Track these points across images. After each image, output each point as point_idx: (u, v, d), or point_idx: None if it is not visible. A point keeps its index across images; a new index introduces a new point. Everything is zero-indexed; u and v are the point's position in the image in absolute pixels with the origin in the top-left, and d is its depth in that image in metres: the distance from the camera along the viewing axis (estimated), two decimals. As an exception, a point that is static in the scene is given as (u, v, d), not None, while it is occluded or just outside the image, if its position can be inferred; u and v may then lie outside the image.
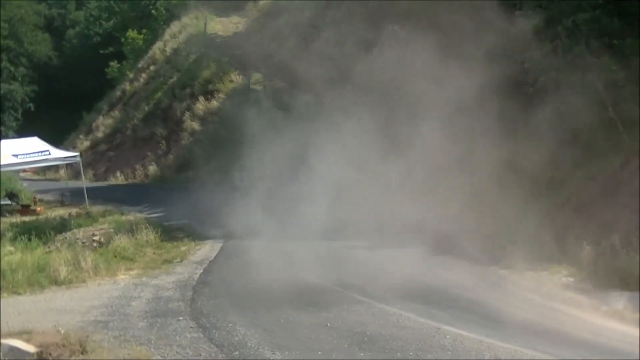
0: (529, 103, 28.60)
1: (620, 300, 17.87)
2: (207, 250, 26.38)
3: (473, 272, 21.38)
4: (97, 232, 29.75)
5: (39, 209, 39.67)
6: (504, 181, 31.47)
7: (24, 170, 52.34)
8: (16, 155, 37.29)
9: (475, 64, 33.04)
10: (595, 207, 22.56)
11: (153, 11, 74.16)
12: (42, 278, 21.66)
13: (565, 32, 25.69)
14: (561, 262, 20.93)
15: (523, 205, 27.16)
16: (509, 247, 23.67)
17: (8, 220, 34.61)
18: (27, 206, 40.25)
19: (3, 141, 39.76)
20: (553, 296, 18.58)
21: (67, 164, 46.02)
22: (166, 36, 69.41)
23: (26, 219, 35.66)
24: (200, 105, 55.56)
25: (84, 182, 40.95)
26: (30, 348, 14.88)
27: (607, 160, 24.08)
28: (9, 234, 29.54)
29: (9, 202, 41.26)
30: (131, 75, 69.09)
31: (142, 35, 74.30)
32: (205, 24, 65.72)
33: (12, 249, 26.21)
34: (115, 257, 24.90)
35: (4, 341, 15.07)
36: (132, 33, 74.34)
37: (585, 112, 27.14)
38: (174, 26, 69.40)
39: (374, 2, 46.24)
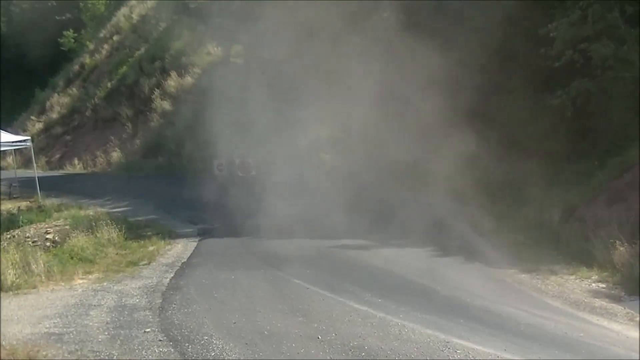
0: (550, 81, 28.81)
1: (658, 309, 17.88)
2: (179, 250, 26.29)
3: (488, 276, 21.37)
4: (50, 230, 29.66)
5: (-19, 202, 39.61)
6: (525, 170, 31.92)
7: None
8: (-47, 139, 37.27)
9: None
10: (630, 201, 22.54)
11: (117, -29, 73.89)
12: (-15, 283, 21.59)
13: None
14: (590, 264, 20.91)
15: (545, 198, 27.34)
16: (528, 248, 23.81)
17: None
18: (-32, 199, 40.20)
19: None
20: (581, 304, 18.56)
21: (15, 150, 45.84)
22: (132, 1, 69.20)
23: (-34, 214, 35.59)
24: (172, 82, 55.42)
25: (36, 171, 40.84)
26: (-29, 365, 14.83)
27: (645, 146, 24.12)
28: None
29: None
30: (91, 47, 68.92)
31: (104, 0, 74.02)
32: (177, -15, 65.55)
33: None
34: (72, 258, 24.82)
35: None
36: (92, -4, 74.19)
37: (618, 90, 27.27)
38: (142, -12, 69.29)
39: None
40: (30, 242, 27.27)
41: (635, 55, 25.66)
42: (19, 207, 36.12)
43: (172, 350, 15.74)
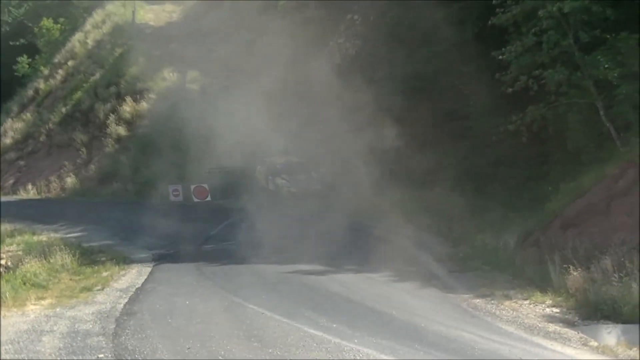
0: (506, 106, 29.09)
1: (612, 334, 18.00)
2: (133, 275, 26.15)
3: (443, 301, 21.46)
4: (3, 255, 29.44)
5: None
6: (481, 192, 32.19)
7: None
8: None
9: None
10: (583, 226, 22.73)
11: (72, -3, 73.56)
12: None
13: (551, 23, 25.97)
14: (545, 289, 21.05)
15: (502, 223, 27.52)
16: (484, 273, 23.94)
17: None
18: None
19: None
20: (535, 329, 18.66)
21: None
22: (87, 26, 69.00)
23: None
24: (128, 107, 55.28)
25: (-12, 196, 40.50)
26: None
27: (598, 172, 24.31)
28: None
29: None
30: (46, 72, 68.50)
31: (59, 26, 73.68)
32: (133, 12, 65.47)
33: None
34: (25, 284, 24.62)
35: None
36: (47, 22, 73.62)
37: (573, 116, 27.57)
38: (97, 15, 69.06)
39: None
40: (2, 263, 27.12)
41: (589, 81, 25.96)
42: (-30, 232, 35.79)
43: (125, 376, 15.67)
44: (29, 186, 55.51)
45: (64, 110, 60.44)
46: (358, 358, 16.15)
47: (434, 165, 36.14)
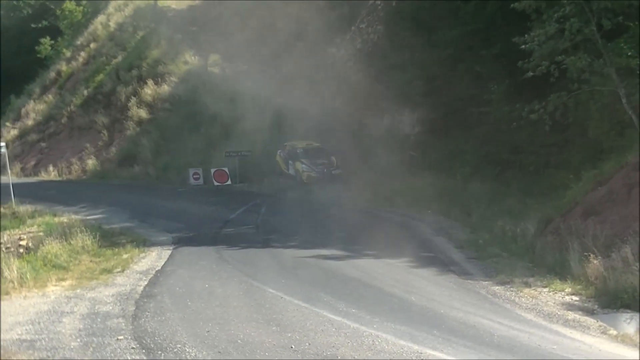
0: (527, 90, 28.95)
1: (631, 323, 17.89)
2: (153, 258, 26.16)
3: (462, 287, 21.39)
4: (24, 236, 29.50)
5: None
6: (500, 179, 32.09)
7: None
8: None
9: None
10: (604, 214, 22.60)
11: (95, -21, 73.57)
12: (-43, 289, 21.45)
13: (573, 10, 25.78)
14: (564, 277, 20.95)
15: (521, 210, 27.41)
16: (503, 259, 23.85)
17: None
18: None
19: None
20: (554, 317, 18.55)
21: (-10, 156, 45.62)
22: (110, 9, 69.08)
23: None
24: (149, 90, 55.36)
25: (10, 178, 40.57)
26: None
27: (620, 160, 24.15)
28: None
29: None
30: (68, 54, 68.63)
31: (81, 8, 73.78)
32: (155, -6, 65.47)
33: None
34: (45, 265, 24.64)
35: None
36: (69, 4, 73.75)
37: (595, 103, 27.41)
38: (119, -3, 69.12)
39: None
40: (3, 249, 27.12)
41: (612, 69, 25.77)
42: (-8, 213, 35.91)
43: (144, 358, 15.64)
44: (50, 168, 55.69)
45: (85, 92, 60.56)
46: (377, 343, 16.11)
47: (453, 151, 36.11)
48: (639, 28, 25.95)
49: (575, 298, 19.84)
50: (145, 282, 22.40)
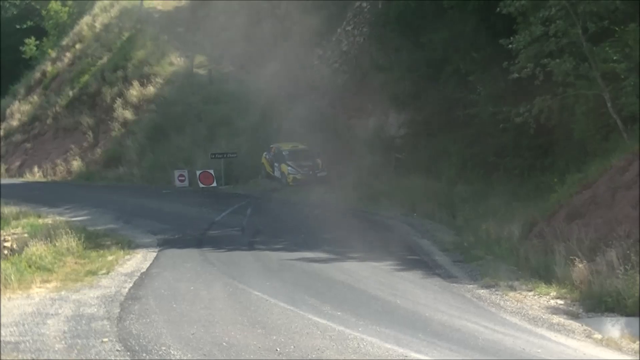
0: (513, 93, 29.03)
1: (616, 327, 17.95)
2: (138, 260, 26.10)
3: (447, 290, 21.43)
4: (8, 238, 29.39)
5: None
6: (485, 181, 32.16)
7: None
8: None
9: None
10: (589, 217, 22.68)
11: (80, -20, 73.43)
12: (-60, 290, 21.35)
13: (559, 12, 25.86)
14: (549, 281, 21.00)
15: (506, 213, 27.46)
16: (488, 262, 23.89)
17: None
18: None
19: None
20: (539, 321, 18.60)
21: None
22: (95, 9, 68.99)
23: None
24: (134, 91, 55.33)
25: (-5, 179, 40.50)
26: None
27: (604, 163, 24.24)
28: None
29: None
30: (53, 55, 68.50)
31: (67, 8, 73.71)
32: (142, -5, 65.42)
33: None
34: (30, 267, 24.54)
35: None
36: (55, 5, 73.69)
37: (580, 107, 27.50)
38: (105, -2, 69.02)
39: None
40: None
41: (597, 73, 25.87)
42: (-24, 214, 35.76)
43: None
44: (35, 169, 55.59)
45: (71, 93, 60.48)
46: (362, 346, 16.12)
47: (439, 152, 36.17)
48: (624, 32, 26.04)
49: (560, 302, 19.90)
50: (130, 284, 22.34)
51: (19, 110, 63.73)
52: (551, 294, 20.33)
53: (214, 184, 44.50)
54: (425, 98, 38.12)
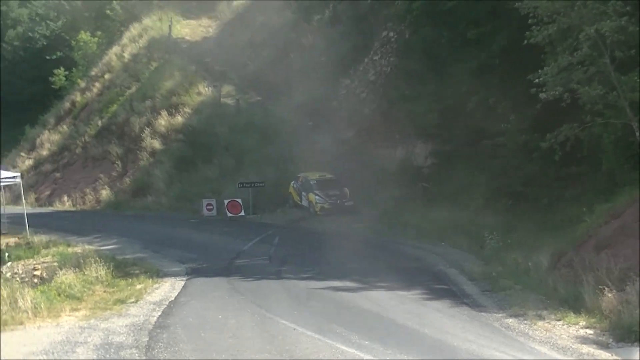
0: (540, 123, 28.93)
1: (646, 356, 17.84)
2: (166, 288, 26.17)
3: (475, 320, 21.34)
4: (38, 266, 29.54)
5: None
6: (513, 211, 32.02)
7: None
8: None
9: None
10: (617, 247, 22.55)
11: (108, 11, 73.81)
12: (-28, 319, 21.43)
13: (587, 42, 25.78)
14: (578, 310, 20.88)
15: (534, 242, 27.34)
16: (516, 292, 23.77)
17: None
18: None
19: None
20: (568, 351, 18.49)
21: (5, 186, 45.68)
22: (124, 40, 69.37)
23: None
24: (163, 121, 55.48)
25: (25, 207, 40.69)
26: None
27: (633, 193, 24.11)
28: None
29: None
30: (83, 85, 68.91)
31: (96, 39, 74.19)
32: (170, 26, 65.77)
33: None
34: (59, 295, 24.64)
35: None
36: (84, 35, 74.17)
37: (608, 136, 27.37)
38: (134, 28, 69.40)
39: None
40: (17, 279, 27.09)
41: (625, 102, 25.75)
42: (7, 243, 35.95)
43: (157, 388, 15.66)
44: (65, 198, 55.78)
45: (99, 123, 60.72)
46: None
47: (466, 183, 36.09)
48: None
49: (589, 331, 19.76)
50: (159, 313, 22.40)
51: (48, 139, 64.05)
52: (580, 324, 20.19)
53: (242, 213, 44.61)
54: (451, 128, 38.09)
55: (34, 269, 29.03)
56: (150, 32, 67.51)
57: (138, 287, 26.26)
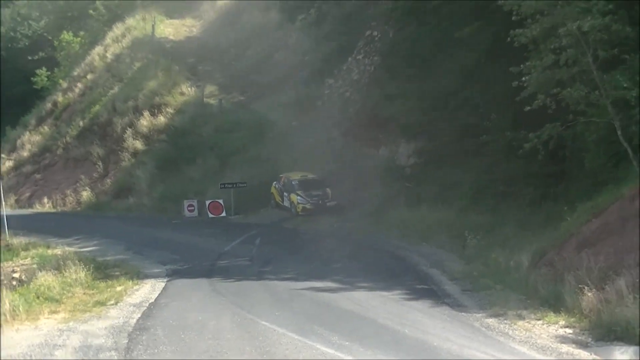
0: (524, 121, 29.02)
1: (625, 356, 17.91)
2: (147, 290, 26.24)
3: (456, 320, 21.44)
4: (17, 268, 29.53)
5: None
6: (496, 210, 32.10)
7: None
8: None
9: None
10: (599, 246, 22.67)
11: (91, 11, 73.71)
12: (-51, 322, 21.43)
13: (570, 41, 25.89)
14: (558, 310, 20.99)
15: (516, 241, 27.45)
16: (497, 292, 23.88)
17: None
18: None
19: None
20: (548, 350, 18.57)
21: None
22: (107, 40, 69.38)
23: None
24: (145, 122, 55.51)
25: (4, 209, 40.62)
26: None
27: (615, 192, 24.23)
28: None
29: None
30: (65, 85, 68.87)
31: (78, 39, 74.09)
32: (153, 26, 65.82)
33: None
34: (38, 298, 24.64)
35: None
36: (67, 35, 74.09)
37: (590, 135, 27.50)
38: (117, 28, 69.43)
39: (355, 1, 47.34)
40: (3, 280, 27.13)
41: (607, 101, 25.85)
42: (-15, 245, 35.90)
43: (136, 391, 15.72)
44: (45, 199, 55.76)
45: (81, 123, 60.72)
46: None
47: (449, 182, 36.16)
48: (635, 60, 26.04)
49: (569, 331, 19.87)
50: (139, 315, 22.46)
51: (29, 140, 64.01)
52: (560, 323, 20.30)
53: (224, 214, 44.71)
54: (435, 127, 38.16)
55: (13, 271, 29.02)
56: (133, 32, 67.55)
57: (118, 289, 26.32)
